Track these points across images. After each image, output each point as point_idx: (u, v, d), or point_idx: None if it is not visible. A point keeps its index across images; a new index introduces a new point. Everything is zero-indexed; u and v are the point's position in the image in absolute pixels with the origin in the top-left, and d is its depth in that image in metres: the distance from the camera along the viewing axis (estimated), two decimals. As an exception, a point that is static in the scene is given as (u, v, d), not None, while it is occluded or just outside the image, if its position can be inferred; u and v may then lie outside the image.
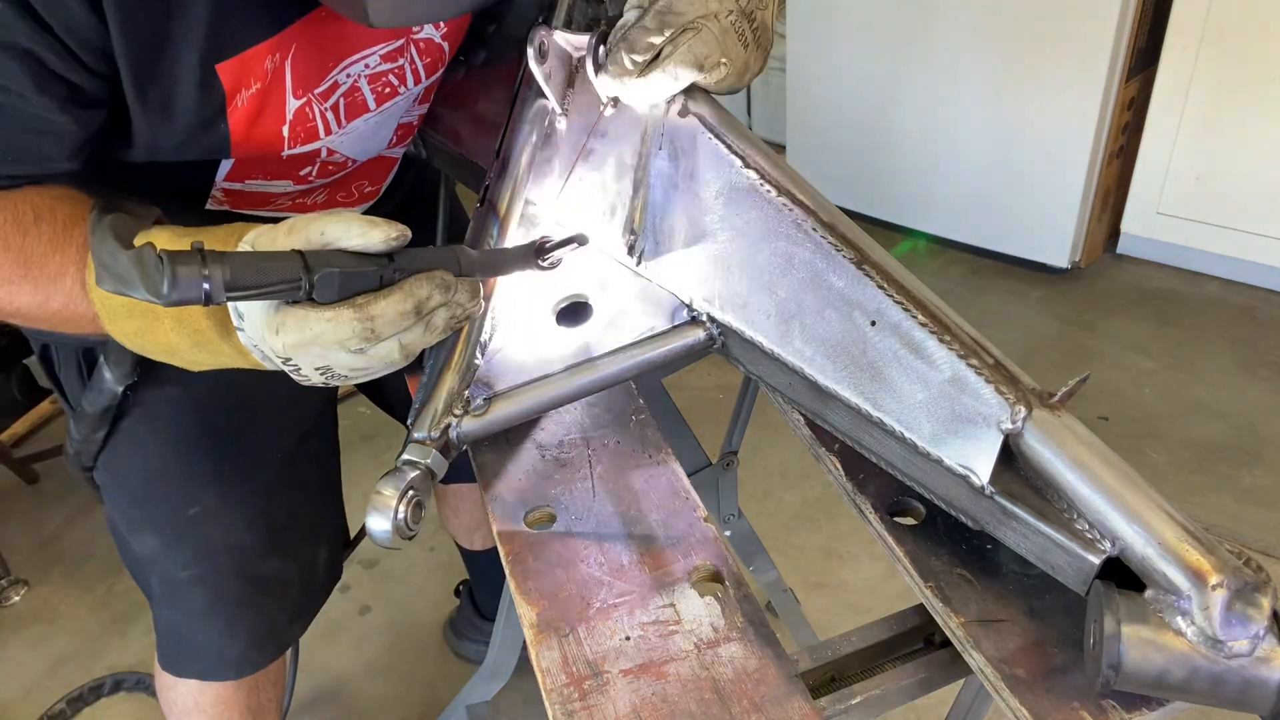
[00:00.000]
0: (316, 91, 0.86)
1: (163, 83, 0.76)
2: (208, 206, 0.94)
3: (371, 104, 0.92)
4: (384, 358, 0.65)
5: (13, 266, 0.72)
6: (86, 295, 0.71)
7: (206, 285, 0.55)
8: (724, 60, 0.74)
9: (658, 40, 0.72)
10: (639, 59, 0.73)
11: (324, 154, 0.92)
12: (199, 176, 0.90)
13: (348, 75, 0.88)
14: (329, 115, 0.88)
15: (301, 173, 0.94)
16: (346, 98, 0.89)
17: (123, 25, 0.70)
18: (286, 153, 0.88)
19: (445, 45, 0.95)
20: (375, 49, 0.88)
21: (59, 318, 0.74)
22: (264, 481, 1.08)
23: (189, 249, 0.56)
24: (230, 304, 0.65)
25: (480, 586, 1.78)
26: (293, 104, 0.84)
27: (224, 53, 0.77)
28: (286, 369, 0.65)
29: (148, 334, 0.70)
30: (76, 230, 0.73)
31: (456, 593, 1.86)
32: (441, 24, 0.92)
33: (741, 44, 0.75)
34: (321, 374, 0.65)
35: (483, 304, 0.76)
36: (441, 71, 0.98)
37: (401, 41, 0.90)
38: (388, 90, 0.92)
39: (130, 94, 0.75)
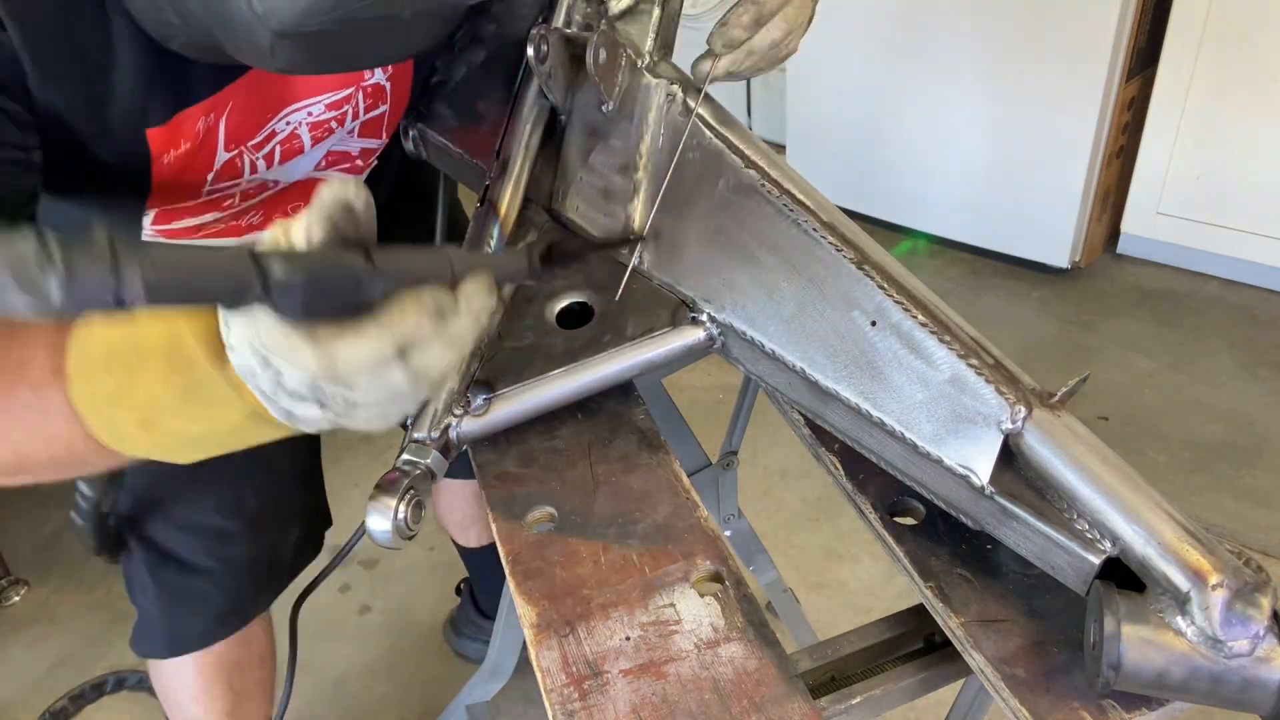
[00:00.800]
0: (250, 143, 0.83)
1: (85, 140, 0.72)
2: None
3: (307, 146, 0.89)
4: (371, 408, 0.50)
5: None
6: (62, 376, 0.52)
7: (114, 282, 0.39)
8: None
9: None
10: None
11: (243, 184, 0.89)
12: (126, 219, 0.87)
13: (287, 123, 0.85)
14: (259, 162, 0.86)
15: (225, 205, 0.92)
16: (284, 144, 0.86)
17: (42, 80, 0.66)
18: (207, 189, 0.85)
19: (388, 86, 0.92)
20: (321, 98, 0.85)
21: (29, 423, 0.54)
22: (235, 467, 1.06)
23: (95, 237, 0.39)
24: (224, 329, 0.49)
25: (480, 584, 1.78)
26: (223, 156, 0.82)
27: (152, 119, 0.73)
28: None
29: (125, 391, 0.52)
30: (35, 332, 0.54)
31: (458, 591, 1.86)
32: (389, 68, 0.90)
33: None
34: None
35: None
36: (384, 110, 0.95)
37: (351, 89, 0.88)
38: (324, 133, 0.90)
39: (52, 146, 0.70)
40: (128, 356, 0.51)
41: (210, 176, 0.84)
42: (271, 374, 0.47)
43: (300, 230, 0.47)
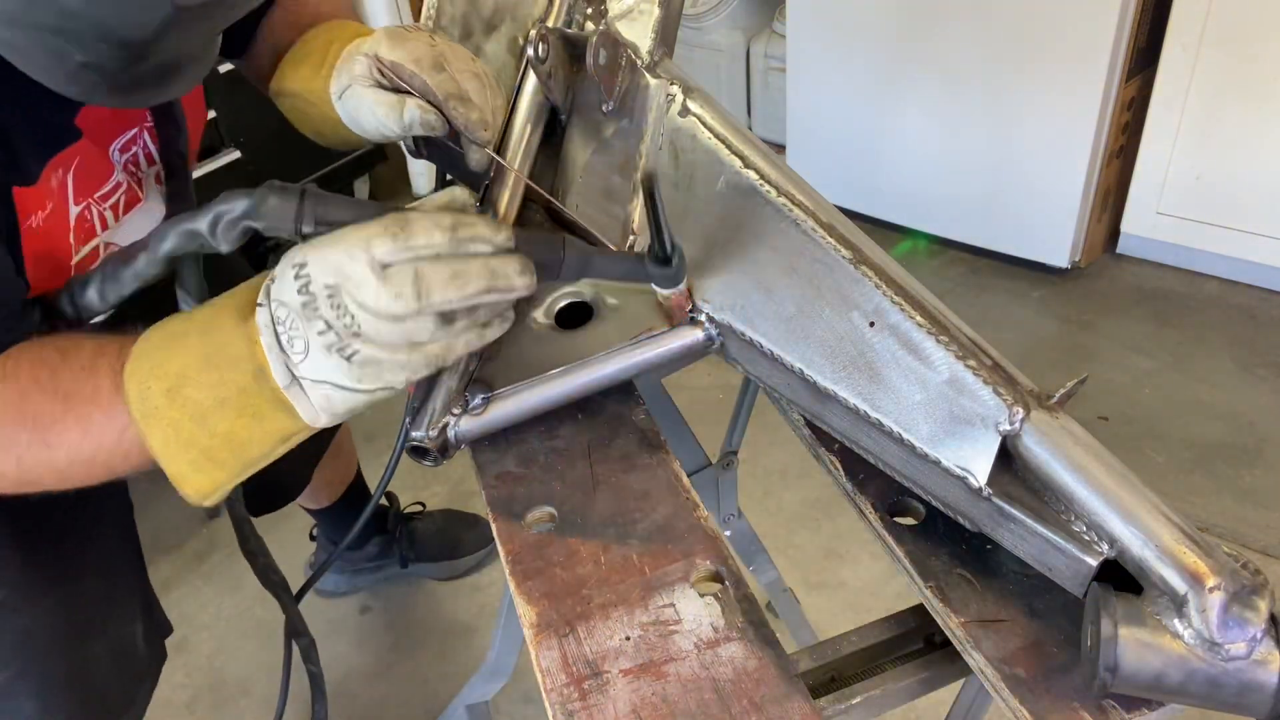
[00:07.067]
0: (97, 194, 0.84)
1: None
2: None
3: (140, 192, 0.91)
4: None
5: (52, 404, 0.68)
6: (121, 397, 0.66)
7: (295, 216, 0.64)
8: None
9: None
10: None
11: (103, 250, 0.88)
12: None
13: (123, 171, 0.87)
14: (107, 213, 0.87)
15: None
16: (127, 194, 0.89)
17: None
18: (75, 260, 0.85)
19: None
20: (132, 131, 0.89)
21: (101, 445, 0.69)
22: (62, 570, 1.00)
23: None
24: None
25: (331, 529, 1.76)
26: (74, 211, 0.82)
27: (23, 173, 0.75)
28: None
29: (162, 363, 0.65)
30: (104, 355, 0.69)
31: (311, 537, 1.84)
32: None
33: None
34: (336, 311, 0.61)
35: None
36: (182, 142, 0.95)
37: (136, 129, 0.90)
38: (138, 177, 0.91)
39: None
40: (173, 335, 0.67)
41: (72, 243, 0.82)
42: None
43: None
